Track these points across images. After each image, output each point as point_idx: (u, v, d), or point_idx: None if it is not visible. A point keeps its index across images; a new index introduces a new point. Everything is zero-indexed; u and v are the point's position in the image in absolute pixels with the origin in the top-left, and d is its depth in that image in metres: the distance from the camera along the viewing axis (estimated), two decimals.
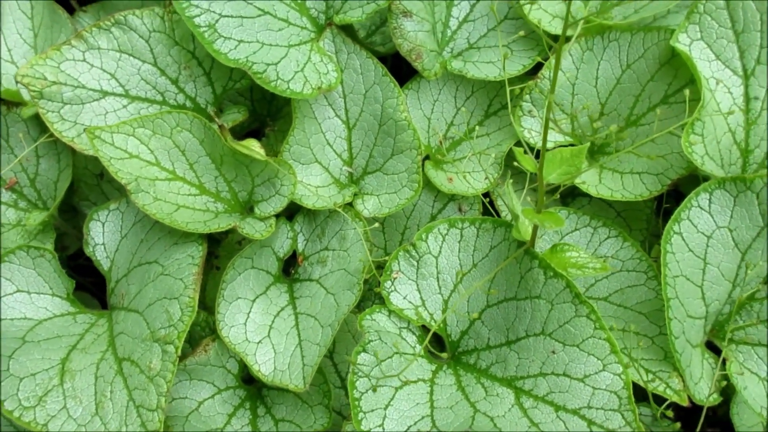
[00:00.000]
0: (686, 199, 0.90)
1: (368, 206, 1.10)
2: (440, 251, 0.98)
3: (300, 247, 1.13)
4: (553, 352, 0.88)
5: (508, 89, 0.87)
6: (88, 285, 1.31)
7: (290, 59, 1.05)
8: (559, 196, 1.21)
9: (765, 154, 1.02)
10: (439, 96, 1.16)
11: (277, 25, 1.07)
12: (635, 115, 1.09)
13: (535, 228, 0.90)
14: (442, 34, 1.17)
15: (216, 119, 1.03)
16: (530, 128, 1.09)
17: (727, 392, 0.97)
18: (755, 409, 0.88)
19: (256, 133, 1.26)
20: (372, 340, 0.92)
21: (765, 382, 0.93)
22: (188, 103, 1.16)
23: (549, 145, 1.10)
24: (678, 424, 0.89)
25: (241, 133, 1.27)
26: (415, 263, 0.98)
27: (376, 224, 1.05)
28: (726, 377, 0.95)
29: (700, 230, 0.91)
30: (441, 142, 1.17)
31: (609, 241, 1.04)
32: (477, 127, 1.16)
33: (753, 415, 0.99)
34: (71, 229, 1.28)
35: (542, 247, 1.06)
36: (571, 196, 1.20)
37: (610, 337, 0.85)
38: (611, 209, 1.17)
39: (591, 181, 1.05)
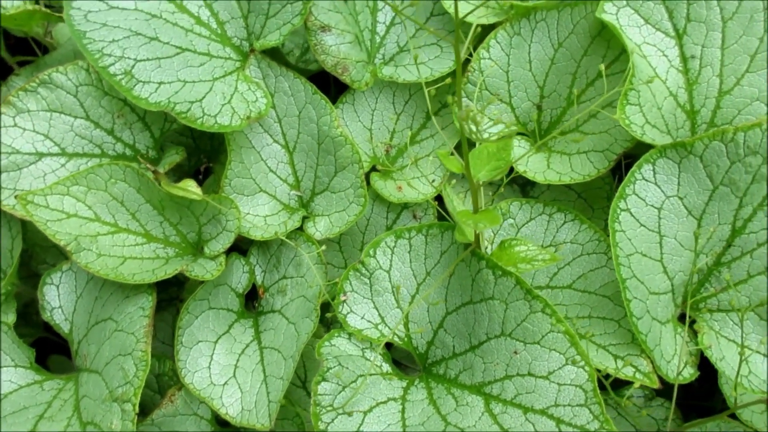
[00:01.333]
0: (629, 173, 0.87)
1: (319, 228, 1.07)
2: (391, 264, 0.95)
3: (259, 279, 1.10)
4: (516, 353, 0.85)
5: (426, 92, 0.84)
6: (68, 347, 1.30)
7: (215, 93, 1.03)
8: (517, 186, 1.18)
9: (712, 113, 0.98)
10: (376, 105, 1.13)
11: (199, 60, 1.05)
12: (575, 93, 1.05)
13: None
14: (370, 41, 1.15)
15: (148, 165, 1.01)
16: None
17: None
18: (731, 379, 0.84)
19: (205, 170, 1.24)
20: (331, 368, 0.89)
21: (740, 348, 0.89)
22: (128, 151, 1.15)
23: (493, 138, 1.06)
24: (644, 412, 0.86)
25: (189, 171, 1.26)
26: (368, 280, 0.95)
27: (323, 247, 1.02)
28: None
29: (649, 203, 0.87)
30: (387, 151, 1.14)
31: (566, 226, 1.01)
32: (419, 131, 1.13)
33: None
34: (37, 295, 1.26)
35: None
36: (530, 184, 1.16)
37: (568, 330, 0.82)
38: (571, 191, 1.14)
39: (538, 168, 1.02)
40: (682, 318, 0.95)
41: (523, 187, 1.18)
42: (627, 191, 0.86)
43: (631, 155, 1.05)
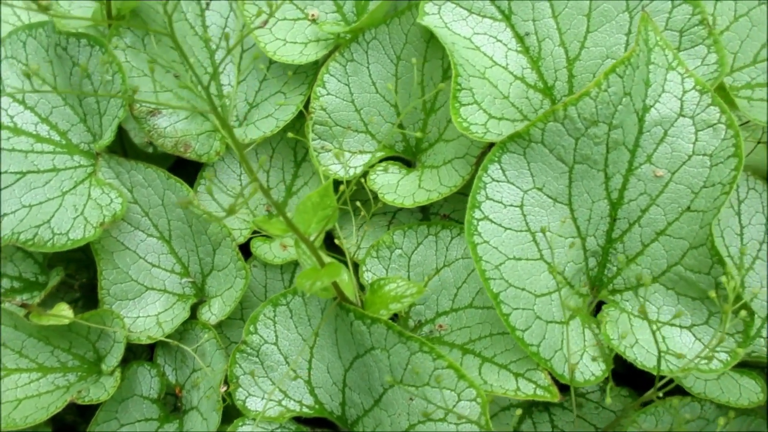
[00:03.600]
0: (476, 179, 0.80)
1: (214, 310, 1.02)
2: (277, 336, 0.90)
3: (171, 378, 1.05)
4: (411, 399, 0.79)
5: (242, 154, 0.79)
6: None
7: (66, 208, 0.99)
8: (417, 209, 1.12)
9: (568, 84, 0.92)
10: (241, 168, 1.09)
11: (43, 179, 1.01)
12: (429, 102, 1.00)
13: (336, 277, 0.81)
14: (221, 107, 1.10)
15: (13, 302, 0.97)
16: (332, 163, 1.01)
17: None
18: (646, 365, 0.77)
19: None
20: None
21: (656, 325, 0.81)
22: (16, 284, 1.11)
23: (359, 170, 1.01)
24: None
25: (91, 283, 1.21)
26: (257, 358, 0.90)
27: (206, 337, 0.97)
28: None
29: (507, 204, 0.81)
30: (269, 210, 1.09)
31: (455, 242, 0.94)
32: (293, 182, 1.08)
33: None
34: None
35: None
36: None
37: (451, 363, 0.76)
38: (466, 197, 1.07)
39: (408, 191, 0.96)
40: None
41: (422, 207, 1.11)
42: (479, 198, 0.80)
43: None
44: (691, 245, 0.79)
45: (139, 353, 1.15)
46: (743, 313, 0.71)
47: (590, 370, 0.79)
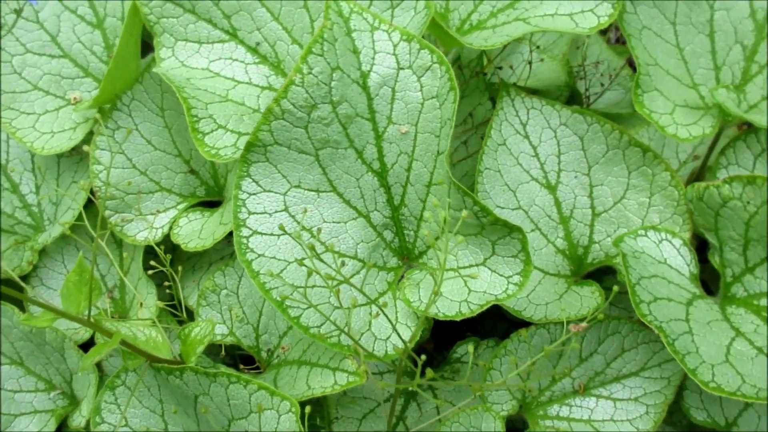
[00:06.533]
0: (233, 199, 0.80)
1: (83, 412, 1.01)
2: (125, 417, 0.89)
3: None
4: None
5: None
6: None
7: None
8: None
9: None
10: (66, 267, 1.08)
11: None
12: None
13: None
14: (30, 216, 1.10)
15: None
16: (138, 231, 1.00)
17: None
18: (449, 315, 0.77)
19: None
20: None
21: (462, 273, 0.81)
22: None
23: (165, 228, 1.01)
24: None
25: None
26: None
27: None
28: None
29: (272, 212, 0.80)
30: (111, 296, 1.09)
31: None
32: (129, 267, 1.08)
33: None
34: None
35: None
36: None
37: (261, 384, 0.75)
38: None
39: (209, 233, 0.96)
40: None
41: None
42: (241, 216, 0.80)
43: None
44: (449, 187, 0.79)
45: None
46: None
47: (402, 338, 0.78)
